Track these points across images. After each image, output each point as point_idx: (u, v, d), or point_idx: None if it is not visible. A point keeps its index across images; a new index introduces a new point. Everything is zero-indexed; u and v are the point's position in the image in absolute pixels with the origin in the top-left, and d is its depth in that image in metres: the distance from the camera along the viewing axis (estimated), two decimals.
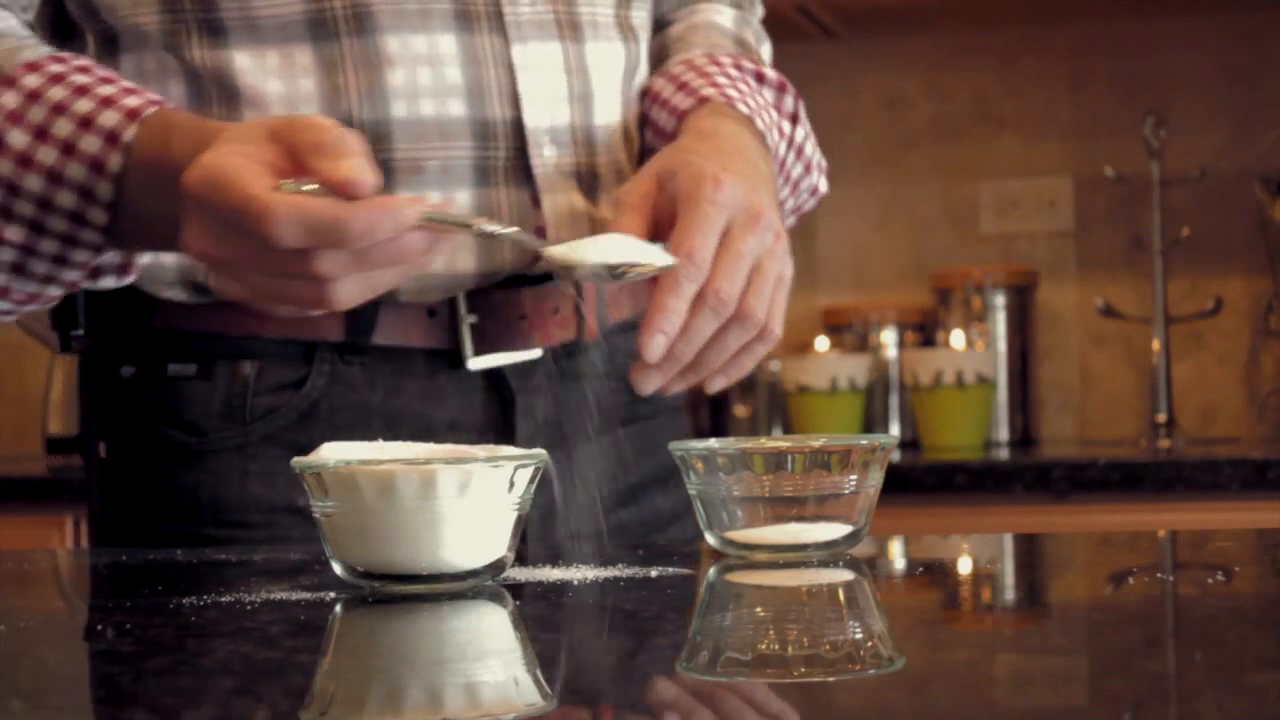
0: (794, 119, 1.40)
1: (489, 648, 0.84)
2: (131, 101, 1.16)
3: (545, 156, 1.28)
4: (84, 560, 1.42)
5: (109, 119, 1.15)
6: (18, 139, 1.16)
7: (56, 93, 1.17)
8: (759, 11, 1.51)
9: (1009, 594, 1.03)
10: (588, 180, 1.31)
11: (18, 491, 2.72)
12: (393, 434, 1.24)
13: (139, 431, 1.28)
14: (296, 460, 0.96)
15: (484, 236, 1.06)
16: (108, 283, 1.24)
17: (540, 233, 1.27)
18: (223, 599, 0.94)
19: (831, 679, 0.73)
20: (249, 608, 0.91)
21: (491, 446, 1.01)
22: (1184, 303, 2.95)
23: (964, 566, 1.10)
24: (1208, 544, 1.22)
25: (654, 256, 1.10)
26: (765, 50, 1.49)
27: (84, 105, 1.16)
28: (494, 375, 1.29)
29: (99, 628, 0.92)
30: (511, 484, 0.95)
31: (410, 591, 0.95)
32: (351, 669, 0.79)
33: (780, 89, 1.40)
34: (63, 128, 1.15)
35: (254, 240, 1.00)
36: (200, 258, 1.05)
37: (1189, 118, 2.98)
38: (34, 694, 0.73)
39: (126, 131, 1.14)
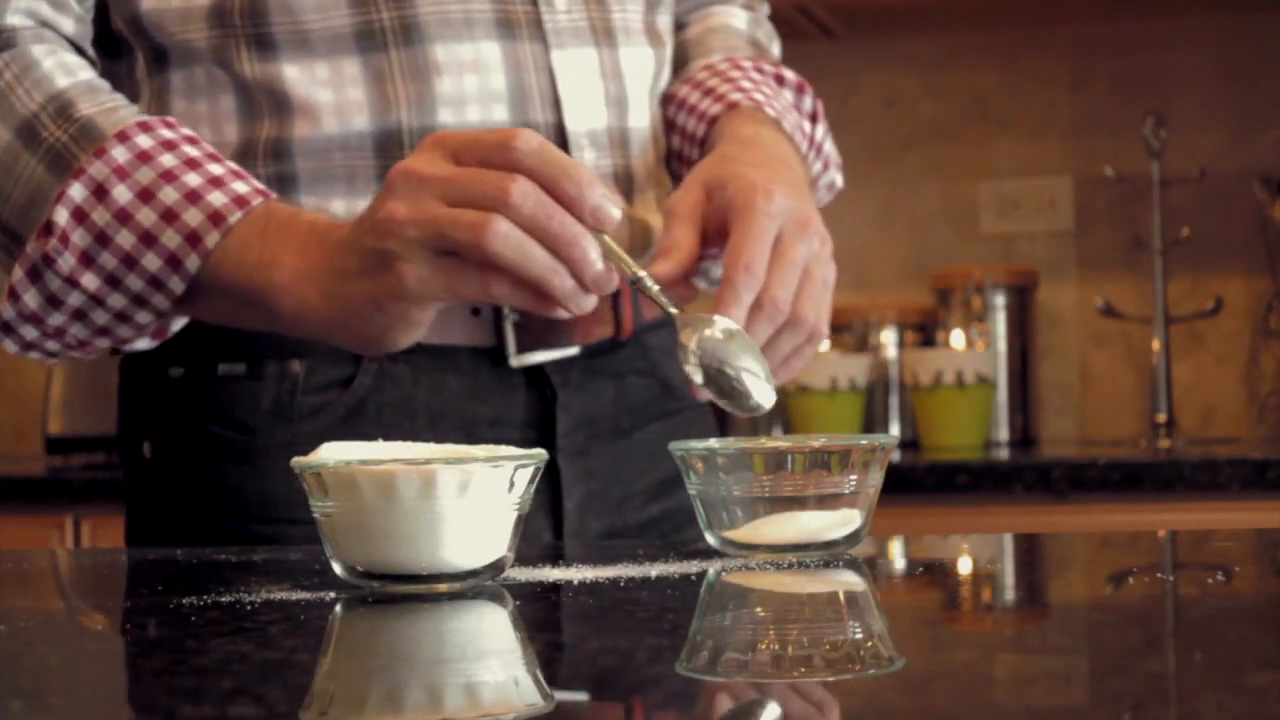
0: (813, 118, 1.45)
1: (489, 648, 0.84)
2: (239, 188, 1.17)
3: (586, 159, 1.31)
4: (84, 560, 1.42)
5: (215, 199, 1.16)
6: (121, 194, 1.17)
7: (167, 159, 1.18)
8: (766, 9, 1.54)
9: (1009, 594, 1.03)
10: (624, 182, 1.34)
11: (18, 491, 2.72)
12: (437, 430, 1.27)
13: (187, 430, 1.29)
14: (296, 460, 0.96)
15: (634, 286, 1.09)
16: (141, 344, 1.25)
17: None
18: (223, 599, 0.94)
19: (831, 679, 0.73)
20: (249, 608, 0.91)
21: (496, 447, 1.01)
22: (1184, 303, 2.95)
23: (964, 566, 1.10)
24: (1208, 544, 1.22)
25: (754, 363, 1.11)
26: (775, 49, 1.54)
27: (193, 179, 1.17)
28: (534, 372, 1.31)
29: (99, 628, 0.92)
30: (511, 484, 0.95)
31: (410, 591, 0.95)
32: (351, 669, 0.79)
33: (799, 90, 1.45)
34: (169, 195, 1.17)
35: (490, 149, 1.04)
36: (401, 173, 1.06)
37: (1189, 118, 2.98)
38: (34, 694, 0.73)
39: (231, 215, 1.16)
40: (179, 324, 1.26)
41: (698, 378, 1.09)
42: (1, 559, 1.29)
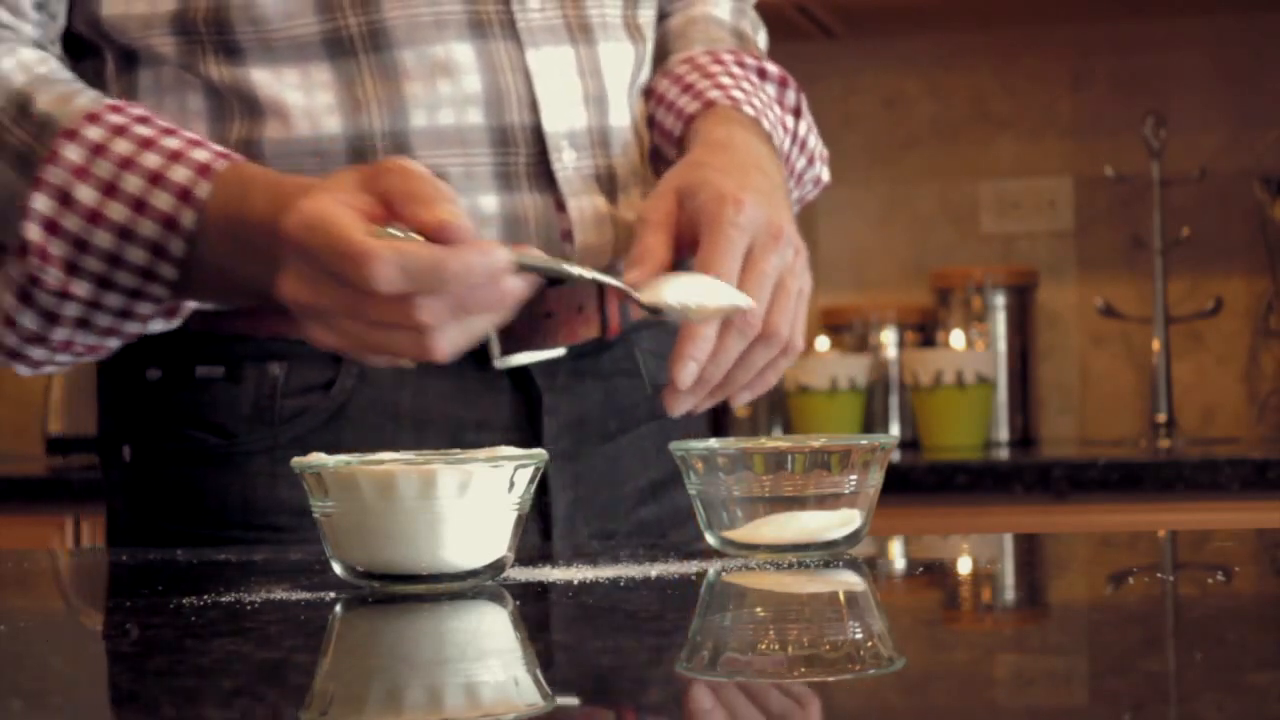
0: (796, 113, 1.41)
1: (489, 648, 0.84)
2: (200, 155, 1.16)
3: (565, 160, 1.29)
4: (84, 560, 1.42)
5: (180, 174, 1.15)
6: (85, 194, 1.16)
7: (121, 146, 1.16)
8: None
9: (1009, 594, 1.03)
10: (607, 182, 1.32)
11: (18, 491, 2.72)
12: (421, 434, 1.25)
13: (166, 434, 1.28)
14: (296, 460, 0.96)
15: (576, 281, 1.08)
16: (157, 326, 1.24)
17: (567, 236, 1.28)
18: (223, 599, 0.94)
19: (831, 679, 0.73)
20: (249, 608, 0.91)
21: (496, 448, 1.01)
22: (1184, 303, 2.95)
23: (964, 566, 1.10)
24: (1208, 544, 1.22)
25: (731, 297, 1.11)
26: (761, 38, 1.51)
27: (152, 160, 1.16)
28: (520, 374, 1.29)
29: (99, 628, 0.92)
30: (511, 484, 0.95)
31: (410, 591, 0.95)
32: (351, 669, 0.79)
33: (782, 84, 1.41)
34: (132, 183, 1.15)
35: (354, 287, 0.99)
36: (296, 306, 1.03)
37: (1189, 118, 2.98)
38: (34, 694, 0.73)
39: (199, 188, 1.14)
40: (191, 302, 1.24)
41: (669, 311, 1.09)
42: (1, 559, 1.29)
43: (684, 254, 1.21)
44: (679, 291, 1.10)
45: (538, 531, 1.29)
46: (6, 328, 1.19)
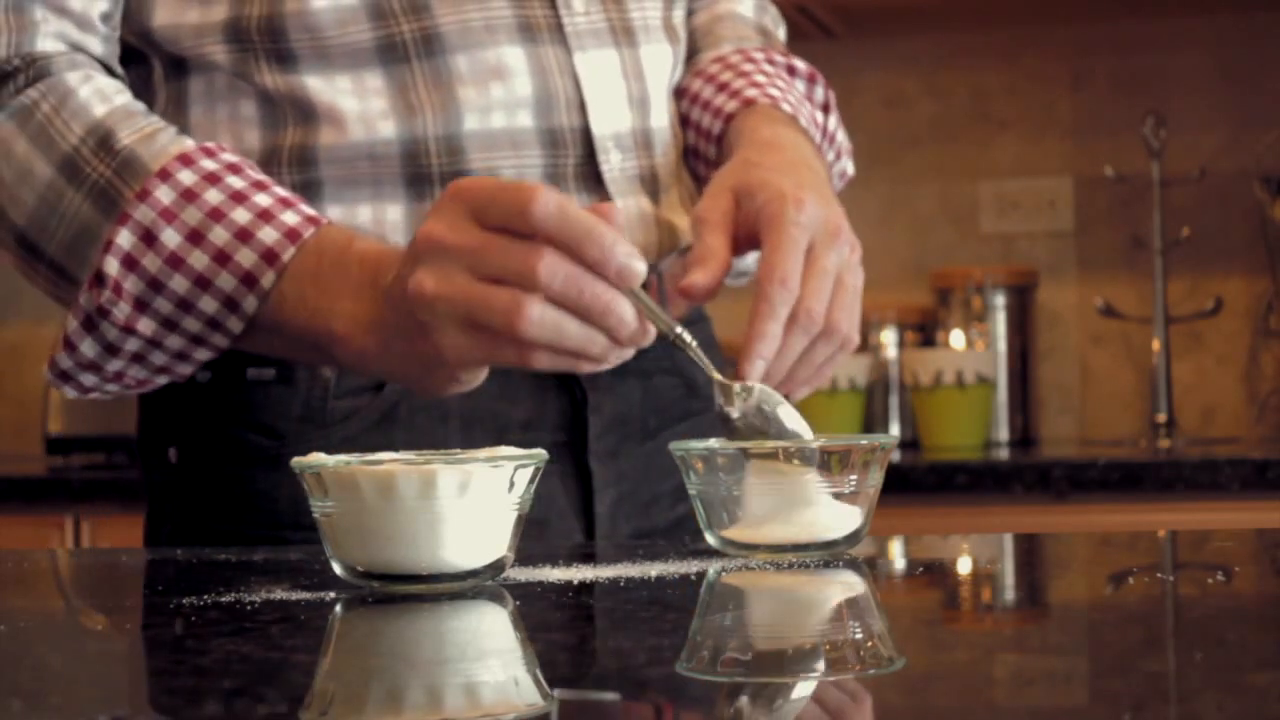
0: (825, 108, 1.45)
1: (489, 648, 0.84)
2: (290, 219, 1.15)
3: (613, 162, 1.30)
4: (84, 560, 1.42)
5: (268, 236, 1.15)
6: (170, 238, 1.16)
7: (213, 195, 1.16)
8: None
9: (1009, 594, 1.02)
10: (650, 183, 1.34)
11: (18, 491, 2.72)
12: (469, 434, 1.25)
13: (216, 436, 1.28)
14: (296, 460, 0.96)
15: (672, 344, 1.07)
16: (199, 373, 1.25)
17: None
18: (223, 599, 0.94)
19: (831, 679, 0.73)
20: (249, 608, 0.91)
21: (492, 450, 1.01)
22: (1184, 303, 2.95)
23: (964, 566, 1.10)
24: (1208, 544, 1.22)
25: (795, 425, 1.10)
26: (781, 33, 1.54)
27: (242, 215, 1.16)
28: (564, 374, 1.30)
29: (99, 628, 0.92)
30: (511, 484, 0.95)
31: (410, 591, 0.95)
32: (351, 669, 0.79)
33: (811, 80, 1.44)
34: (219, 235, 1.15)
35: (510, 215, 1.01)
36: (424, 242, 1.04)
37: (1189, 118, 2.98)
38: (34, 694, 0.73)
39: (285, 253, 1.15)
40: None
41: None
42: (1, 559, 1.29)
43: (741, 250, 1.23)
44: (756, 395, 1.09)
45: (581, 530, 1.30)
46: (66, 351, 1.19)
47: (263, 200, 1.16)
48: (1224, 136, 2.98)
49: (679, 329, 1.06)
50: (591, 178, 1.29)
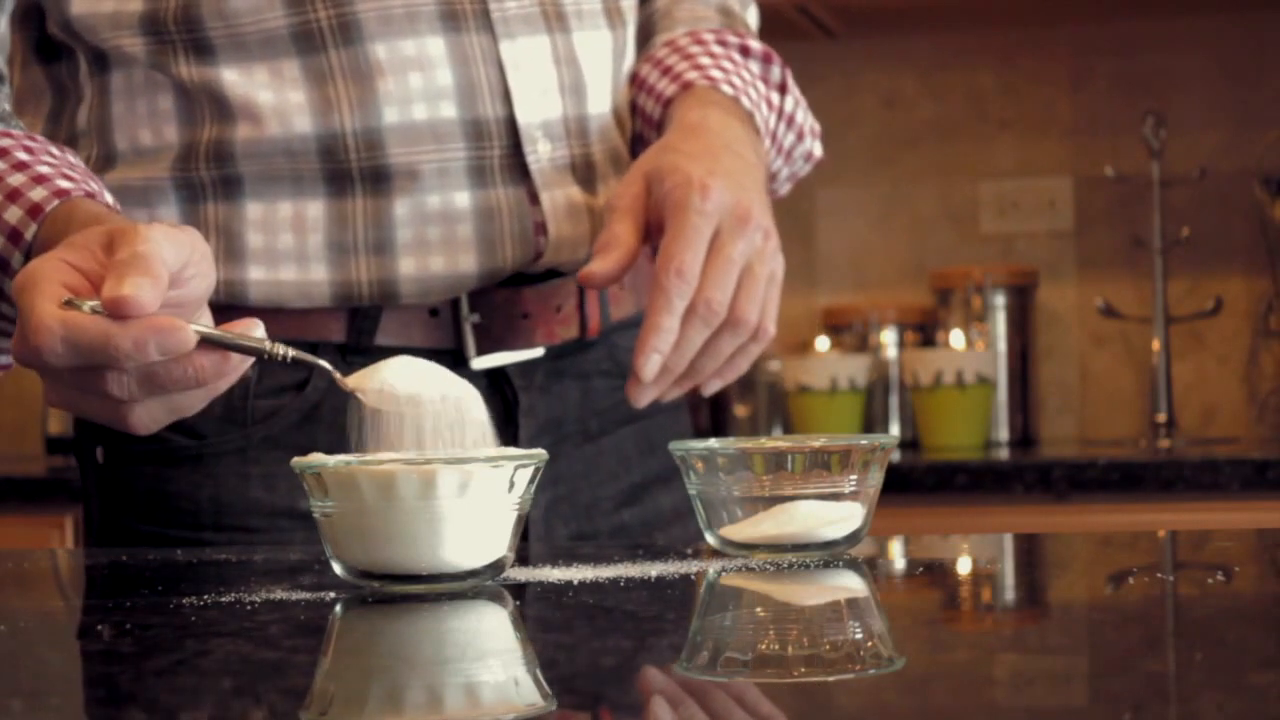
0: (782, 88, 1.39)
1: (489, 648, 0.84)
2: (36, 194, 1.09)
3: (540, 152, 1.27)
4: (83, 560, 1.42)
5: (12, 215, 1.09)
6: None
7: None
8: None
9: (1009, 594, 1.02)
10: (584, 172, 1.31)
11: (18, 491, 2.72)
12: None
13: (138, 436, 1.27)
14: (296, 460, 0.96)
15: (271, 358, 0.99)
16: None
17: (541, 229, 1.27)
18: (223, 599, 0.94)
19: (831, 679, 0.73)
20: (249, 608, 0.91)
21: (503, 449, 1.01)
22: (1184, 303, 2.95)
23: (964, 566, 1.10)
24: (1208, 544, 1.22)
25: (441, 387, 1.01)
26: (751, 14, 1.48)
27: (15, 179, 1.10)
28: (497, 375, 1.28)
29: (98, 628, 0.92)
30: (511, 484, 0.95)
31: (410, 591, 0.95)
32: (351, 669, 0.79)
33: (766, 60, 1.39)
34: None
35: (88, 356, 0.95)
36: (19, 361, 0.99)
37: (1189, 118, 2.98)
38: (34, 694, 0.73)
39: (28, 230, 1.09)
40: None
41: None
42: (1, 559, 1.29)
43: (653, 239, 1.21)
44: (391, 377, 1.01)
45: None
46: None
47: (15, 180, 1.11)
48: (1224, 136, 2.98)
49: (270, 345, 0.98)
50: (517, 169, 1.27)
